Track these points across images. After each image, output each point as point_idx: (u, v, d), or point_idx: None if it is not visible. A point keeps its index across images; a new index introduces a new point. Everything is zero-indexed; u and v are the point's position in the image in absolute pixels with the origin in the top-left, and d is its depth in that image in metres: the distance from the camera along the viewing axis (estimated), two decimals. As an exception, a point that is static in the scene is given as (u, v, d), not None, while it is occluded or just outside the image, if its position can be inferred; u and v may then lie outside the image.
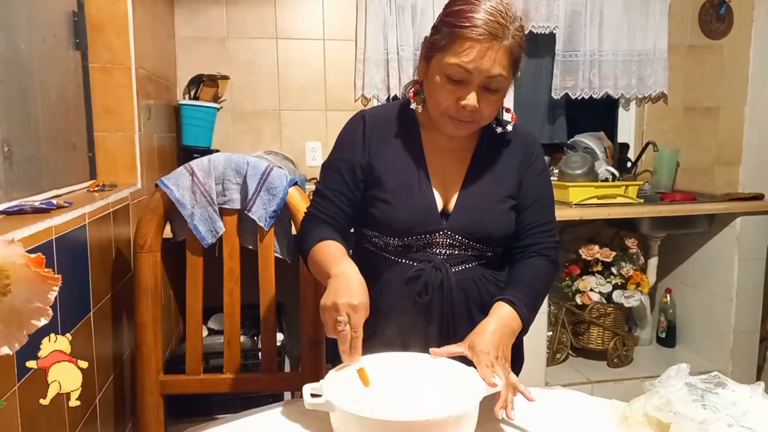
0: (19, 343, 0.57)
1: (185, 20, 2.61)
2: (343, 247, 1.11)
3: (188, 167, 1.56)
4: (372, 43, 2.70)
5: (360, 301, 0.95)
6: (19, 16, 1.30)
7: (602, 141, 2.97)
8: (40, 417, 1.04)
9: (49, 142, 1.44)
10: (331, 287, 0.98)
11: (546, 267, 1.19)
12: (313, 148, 2.78)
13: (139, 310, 1.55)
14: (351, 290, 0.96)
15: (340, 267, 1.02)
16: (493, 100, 1.07)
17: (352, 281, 0.98)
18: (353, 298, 0.94)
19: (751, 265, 2.65)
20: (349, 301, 0.94)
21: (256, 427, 0.99)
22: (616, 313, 2.71)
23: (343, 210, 1.19)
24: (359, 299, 0.95)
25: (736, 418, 0.89)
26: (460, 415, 0.81)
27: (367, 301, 0.97)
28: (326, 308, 0.95)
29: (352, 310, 0.93)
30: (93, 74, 1.72)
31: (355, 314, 0.93)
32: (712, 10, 3.07)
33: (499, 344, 1.00)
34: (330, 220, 1.19)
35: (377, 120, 1.20)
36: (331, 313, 0.94)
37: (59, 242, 1.13)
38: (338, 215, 1.19)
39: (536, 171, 1.22)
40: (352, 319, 0.93)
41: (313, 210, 1.22)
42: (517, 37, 1.04)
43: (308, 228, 1.19)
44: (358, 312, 0.94)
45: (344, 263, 1.03)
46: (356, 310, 0.94)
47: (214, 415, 2.03)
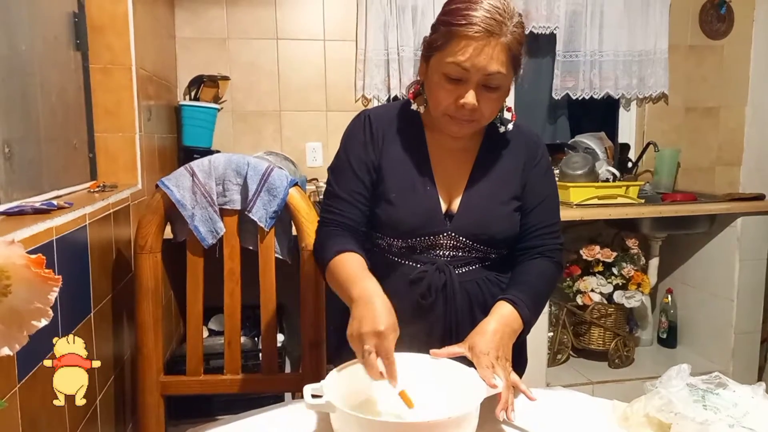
0: (20, 344, 0.57)
1: (186, 21, 2.62)
2: (362, 259, 1.08)
3: (189, 168, 1.56)
4: (372, 44, 2.70)
5: (386, 325, 0.90)
6: (19, 17, 1.30)
7: (603, 141, 2.97)
8: (40, 417, 1.04)
9: (50, 143, 1.44)
10: (355, 314, 0.94)
11: (550, 268, 1.18)
12: (314, 149, 2.78)
13: (139, 310, 1.55)
14: (375, 316, 0.91)
15: (361, 287, 0.98)
16: (494, 98, 1.06)
17: (376, 305, 0.93)
18: (378, 324, 0.90)
19: (752, 265, 2.65)
20: (374, 329, 0.89)
21: (256, 428, 0.99)
22: (617, 314, 2.71)
23: (361, 210, 1.16)
24: (385, 324, 0.90)
25: (737, 418, 0.89)
26: (460, 417, 0.81)
27: (393, 321, 0.92)
28: (352, 338, 0.91)
29: (378, 338, 0.89)
30: (93, 75, 1.72)
31: (382, 341, 0.89)
32: (713, 10, 3.07)
33: (500, 344, 1.00)
34: (349, 222, 1.15)
35: (381, 119, 1.19)
36: (357, 344, 0.91)
37: (60, 243, 1.13)
38: (356, 217, 1.16)
39: (541, 171, 1.20)
40: (381, 347, 0.89)
41: (328, 215, 1.17)
42: (516, 34, 1.03)
43: (325, 237, 1.15)
44: (385, 338, 0.89)
45: (366, 282, 0.99)
46: (383, 336, 0.89)
47: (215, 416, 2.03)
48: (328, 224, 1.17)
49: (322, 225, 1.19)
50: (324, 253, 1.11)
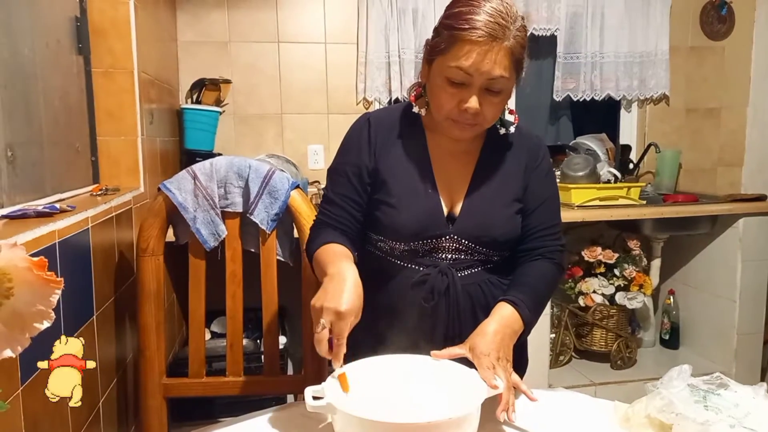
0: (22, 346, 0.57)
1: (187, 24, 2.62)
2: (347, 250, 1.09)
3: (190, 171, 1.57)
4: (373, 46, 2.70)
5: (348, 307, 0.90)
6: (22, 22, 1.30)
7: (604, 143, 2.97)
8: (43, 420, 1.04)
9: (52, 147, 1.45)
10: (324, 287, 0.95)
11: (551, 269, 1.18)
12: (315, 152, 2.78)
13: (142, 313, 1.55)
14: (342, 294, 0.92)
15: (337, 267, 0.99)
16: (496, 101, 1.06)
17: (346, 284, 0.94)
18: (341, 303, 0.90)
19: (754, 266, 2.64)
20: (336, 307, 0.90)
21: (258, 429, 0.99)
22: (619, 315, 2.70)
23: (353, 215, 1.17)
24: (347, 305, 0.90)
25: (738, 419, 0.88)
26: (461, 417, 0.81)
27: (356, 306, 0.92)
28: (314, 308, 0.92)
29: (336, 316, 0.89)
30: (96, 79, 1.73)
31: (339, 321, 0.89)
32: (714, 12, 3.07)
33: (500, 345, 1.00)
34: (339, 225, 1.17)
35: (382, 123, 1.19)
36: (316, 315, 0.91)
37: (62, 246, 1.14)
38: (347, 220, 1.17)
39: (542, 173, 1.20)
40: (336, 326, 0.89)
41: (321, 216, 1.20)
42: (519, 38, 1.02)
43: (315, 233, 1.18)
44: (343, 318, 0.89)
45: (343, 263, 1.00)
46: (341, 316, 0.89)
47: (217, 418, 2.03)
48: (319, 225, 1.20)
49: (314, 226, 1.22)
50: (311, 247, 1.14)
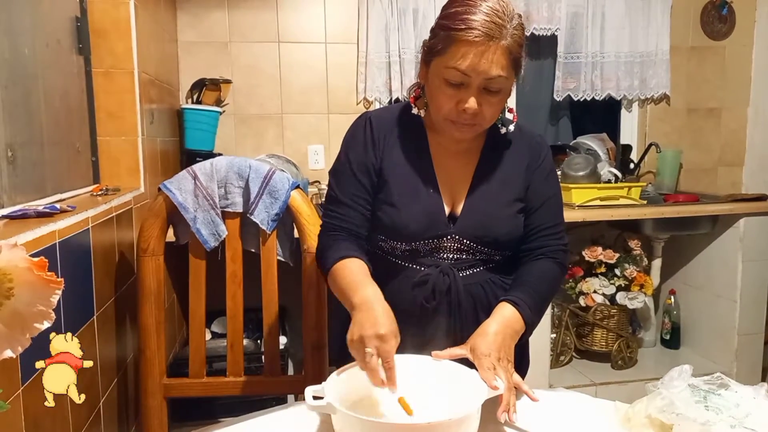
0: (22, 347, 0.57)
1: (188, 24, 2.63)
2: (365, 265, 1.08)
3: (191, 171, 1.57)
4: (374, 46, 2.70)
5: (387, 329, 0.91)
6: (22, 22, 1.30)
7: (605, 142, 2.97)
8: (43, 420, 1.04)
9: (53, 147, 1.45)
10: (356, 320, 0.94)
11: (553, 269, 1.18)
12: (316, 152, 2.78)
13: (142, 313, 1.55)
14: (377, 320, 0.92)
15: (362, 294, 0.98)
16: (495, 101, 1.05)
17: (377, 310, 0.94)
18: (380, 327, 0.90)
19: (754, 266, 2.64)
20: (376, 332, 0.90)
21: (259, 430, 0.99)
22: (619, 315, 2.70)
23: (363, 214, 1.15)
24: (386, 328, 0.91)
25: (738, 419, 0.88)
26: (461, 418, 0.81)
27: (395, 328, 0.93)
28: (353, 342, 0.92)
29: (379, 340, 0.90)
30: (96, 79, 1.73)
31: (384, 344, 0.90)
32: (714, 11, 3.07)
33: (501, 346, 1.00)
34: (351, 227, 1.15)
35: (383, 122, 1.19)
36: (358, 347, 0.91)
37: (62, 246, 1.14)
38: (358, 221, 1.15)
39: (544, 173, 1.20)
40: (382, 349, 0.90)
41: (330, 220, 1.17)
42: (516, 36, 1.01)
43: (327, 243, 1.15)
44: (387, 341, 0.90)
45: (367, 289, 1.00)
46: (384, 339, 0.90)
47: (218, 419, 2.03)
48: (330, 230, 1.16)
49: (324, 231, 1.18)
50: (326, 259, 1.11)
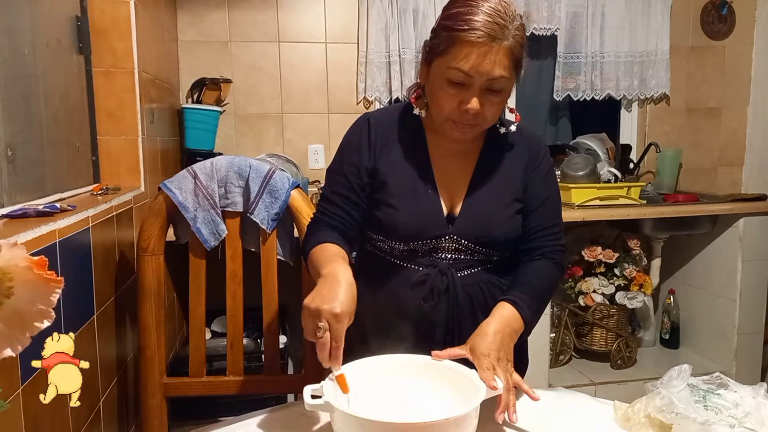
0: (22, 346, 0.57)
1: (188, 24, 2.63)
2: (343, 250, 1.09)
3: (191, 170, 1.57)
4: (374, 46, 2.70)
5: (344, 309, 0.89)
6: (22, 21, 1.30)
7: (604, 142, 2.97)
8: (43, 419, 1.04)
9: (53, 146, 1.45)
10: (318, 289, 0.93)
11: (551, 270, 1.18)
12: (316, 151, 2.78)
13: (142, 312, 1.55)
14: (337, 296, 0.90)
15: (331, 267, 0.98)
16: (497, 101, 1.05)
17: (341, 285, 0.93)
18: (337, 305, 0.89)
19: (754, 265, 2.64)
20: (331, 309, 0.88)
21: (258, 429, 0.99)
22: (619, 315, 2.70)
23: (350, 214, 1.17)
24: (343, 307, 0.89)
25: (738, 419, 0.89)
26: (459, 417, 0.81)
27: (352, 308, 0.91)
28: (308, 310, 0.90)
29: (334, 318, 0.88)
30: (96, 78, 1.73)
31: (337, 323, 0.88)
32: (714, 11, 3.07)
33: (500, 345, 1.00)
34: (336, 224, 1.16)
35: (382, 123, 1.19)
36: (312, 318, 0.89)
37: (63, 245, 1.14)
38: (345, 219, 1.17)
39: (542, 173, 1.20)
40: (333, 327, 0.88)
41: (318, 215, 1.20)
42: (518, 37, 1.01)
43: (311, 231, 1.18)
44: (340, 321, 0.88)
45: (337, 264, 0.99)
46: (338, 319, 0.88)
47: (218, 418, 2.03)
48: (316, 223, 1.19)
49: (310, 224, 1.22)
50: (307, 245, 1.14)
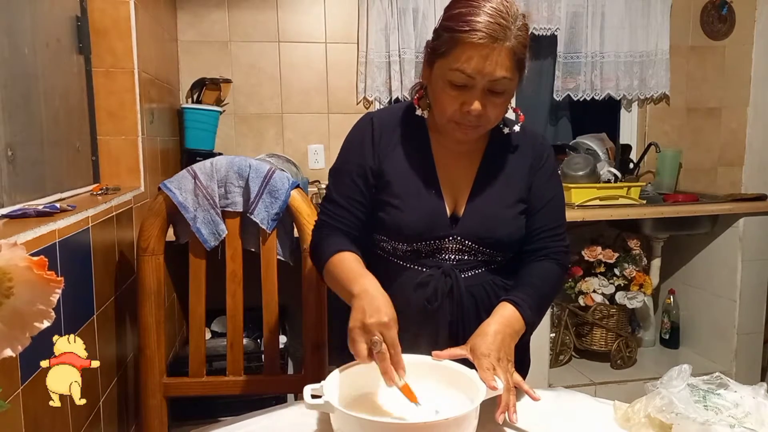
0: (22, 346, 0.57)
1: (188, 24, 2.63)
2: (359, 258, 1.08)
3: (191, 170, 1.57)
4: (374, 46, 2.70)
5: (390, 317, 0.91)
6: (22, 21, 1.30)
7: (604, 142, 2.97)
8: (43, 419, 1.04)
9: (53, 146, 1.45)
10: (357, 307, 0.94)
11: (554, 270, 1.18)
12: (316, 151, 2.78)
13: (142, 312, 1.56)
14: (378, 308, 0.92)
15: (361, 285, 0.99)
16: (499, 102, 1.05)
17: (379, 299, 0.94)
18: (382, 315, 0.91)
19: (754, 265, 2.64)
20: (379, 320, 0.90)
21: (259, 429, 0.99)
22: (619, 315, 2.70)
23: (357, 216, 1.16)
24: (389, 315, 0.91)
25: (738, 419, 0.88)
26: (459, 418, 0.81)
27: (395, 315, 0.93)
28: (356, 332, 0.91)
29: (384, 327, 0.90)
30: (96, 78, 1.73)
31: (388, 331, 0.90)
32: (714, 11, 3.07)
33: (501, 346, 0.99)
34: (343, 227, 1.15)
35: (385, 123, 1.18)
36: (361, 335, 0.91)
37: (62, 245, 1.14)
38: (352, 222, 1.16)
39: (546, 174, 1.19)
40: (387, 336, 0.90)
41: (324, 218, 1.18)
42: (520, 37, 1.01)
43: (321, 238, 1.16)
44: (391, 328, 0.90)
45: (365, 280, 1.00)
46: (388, 326, 0.90)
47: (217, 418, 2.03)
48: (323, 226, 1.18)
49: (317, 227, 1.20)
50: (320, 254, 1.12)
